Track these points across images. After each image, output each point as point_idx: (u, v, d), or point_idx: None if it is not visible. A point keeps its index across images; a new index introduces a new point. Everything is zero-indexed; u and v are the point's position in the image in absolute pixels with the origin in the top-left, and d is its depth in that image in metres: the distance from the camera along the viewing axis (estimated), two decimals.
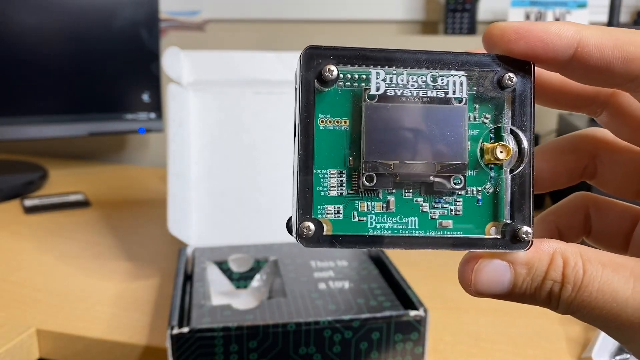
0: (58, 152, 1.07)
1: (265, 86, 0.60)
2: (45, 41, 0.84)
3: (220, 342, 0.38)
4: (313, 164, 0.19)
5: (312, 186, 0.19)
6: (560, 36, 0.19)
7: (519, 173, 0.20)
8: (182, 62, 0.59)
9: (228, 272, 0.51)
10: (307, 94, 0.19)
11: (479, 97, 0.20)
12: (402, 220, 0.20)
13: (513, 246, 0.19)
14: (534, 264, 0.19)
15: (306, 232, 0.19)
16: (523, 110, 0.20)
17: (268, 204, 0.57)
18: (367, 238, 0.19)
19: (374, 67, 0.19)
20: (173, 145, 0.55)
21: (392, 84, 0.19)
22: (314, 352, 0.40)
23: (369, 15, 0.95)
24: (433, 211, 0.20)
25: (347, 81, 0.20)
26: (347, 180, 0.20)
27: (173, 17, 1.00)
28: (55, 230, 0.69)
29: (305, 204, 0.19)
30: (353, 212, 0.20)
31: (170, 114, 0.56)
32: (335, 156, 0.19)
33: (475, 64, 0.20)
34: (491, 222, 0.20)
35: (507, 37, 0.19)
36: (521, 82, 0.20)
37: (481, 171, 0.20)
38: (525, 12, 0.86)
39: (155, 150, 1.06)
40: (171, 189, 0.54)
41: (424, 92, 0.20)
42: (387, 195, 0.20)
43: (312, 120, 0.19)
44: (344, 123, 0.20)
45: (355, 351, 0.40)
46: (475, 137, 0.20)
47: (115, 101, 0.90)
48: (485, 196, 0.20)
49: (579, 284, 0.18)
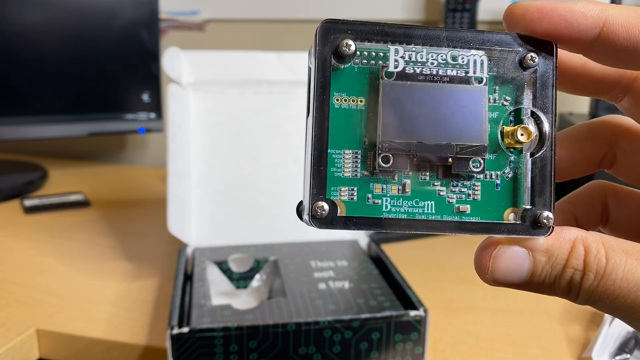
0: (58, 152, 1.07)
1: (265, 86, 0.60)
2: (46, 41, 0.84)
3: (220, 342, 0.38)
4: (328, 144, 0.19)
5: (326, 166, 0.18)
6: (586, 15, 0.18)
7: (540, 156, 0.19)
8: (182, 62, 0.59)
9: (228, 272, 0.51)
10: (323, 69, 0.18)
11: (500, 78, 0.19)
12: (418, 204, 0.19)
13: (533, 232, 0.19)
14: (555, 252, 0.18)
15: (320, 213, 0.18)
16: (545, 92, 0.19)
17: (268, 204, 0.57)
18: (383, 220, 0.19)
19: (393, 44, 0.19)
20: (173, 145, 0.55)
21: (411, 61, 0.19)
22: (314, 352, 0.40)
23: (369, 15, 0.95)
24: (450, 195, 0.19)
25: (363, 59, 0.19)
26: (362, 161, 0.19)
27: (173, 17, 1.00)
28: (55, 230, 0.69)
29: (319, 184, 0.18)
30: (368, 194, 0.19)
31: (170, 114, 0.56)
32: (350, 136, 0.19)
33: (496, 42, 0.19)
34: (510, 207, 0.19)
35: (530, 16, 0.19)
36: (543, 63, 0.19)
37: (501, 155, 0.19)
38: None
39: (155, 150, 1.06)
40: (171, 189, 0.54)
41: (443, 70, 0.19)
42: (403, 178, 0.19)
43: (328, 98, 0.18)
44: (359, 102, 0.19)
45: (355, 351, 0.40)
46: (495, 120, 0.19)
47: (115, 101, 0.90)
48: (505, 181, 0.19)
49: (602, 272, 0.18)
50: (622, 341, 0.44)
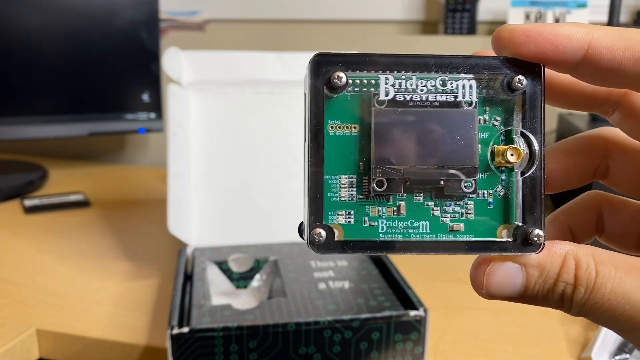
0: (58, 152, 1.07)
1: (265, 86, 0.60)
2: (46, 41, 0.84)
3: (220, 342, 0.38)
4: (323, 170, 0.19)
5: (322, 192, 0.19)
6: (570, 38, 0.19)
7: (530, 176, 0.20)
8: (182, 62, 0.59)
9: (228, 272, 0.51)
10: (316, 100, 0.19)
11: (489, 99, 0.20)
12: (413, 224, 0.20)
13: (525, 249, 0.19)
14: (546, 266, 0.19)
15: (317, 239, 0.19)
16: (534, 113, 0.20)
17: (268, 204, 0.57)
18: (379, 243, 0.20)
19: (383, 73, 0.19)
20: (173, 145, 0.55)
21: (401, 88, 0.19)
22: (314, 352, 0.40)
23: (369, 15, 0.95)
24: (444, 215, 0.20)
25: (356, 87, 0.20)
26: (358, 185, 0.20)
27: (173, 17, 1.00)
28: (55, 230, 0.69)
29: (316, 210, 0.19)
30: (364, 217, 0.20)
31: (170, 114, 0.56)
32: (345, 162, 0.20)
33: (484, 67, 0.20)
34: (503, 224, 0.20)
35: (516, 40, 0.19)
36: (531, 85, 0.20)
37: (492, 174, 0.20)
38: (525, 12, 0.86)
39: (155, 150, 1.06)
40: (171, 189, 0.54)
41: (433, 96, 0.20)
42: (398, 200, 0.20)
43: (322, 127, 0.19)
44: (353, 128, 0.20)
45: (355, 351, 0.40)
46: (486, 140, 0.20)
47: (115, 101, 0.90)
48: (497, 199, 0.20)
49: (592, 286, 0.18)
50: (621, 341, 0.44)
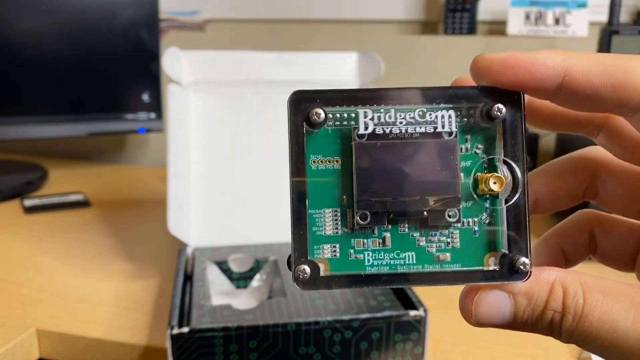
0: (58, 152, 1.07)
1: (265, 86, 0.60)
2: (46, 41, 0.84)
3: (220, 342, 0.38)
4: (307, 206, 0.19)
5: (306, 228, 0.19)
6: (547, 66, 0.19)
7: (514, 204, 0.20)
8: (182, 62, 0.59)
9: (228, 272, 0.51)
10: (296, 137, 0.19)
11: (470, 128, 0.20)
12: (399, 255, 0.20)
13: (511, 277, 0.19)
14: (534, 294, 0.19)
15: (302, 276, 0.19)
16: (515, 141, 0.20)
17: (268, 204, 0.57)
18: (364, 277, 0.19)
19: (362, 107, 0.19)
20: (173, 145, 0.55)
21: (381, 122, 0.19)
22: (314, 352, 0.40)
23: (369, 15, 0.95)
24: (430, 245, 0.20)
25: (336, 121, 0.20)
26: (342, 218, 0.20)
27: (173, 17, 1.00)
28: (55, 230, 0.69)
29: (300, 247, 0.19)
30: (349, 250, 0.20)
31: (170, 114, 0.56)
32: (328, 196, 0.20)
33: (463, 97, 0.20)
34: (489, 252, 0.20)
35: (494, 69, 0.19)
36: (511, 113, 0.19)
37: (476, 202, 0.20)
38: (525, 12, 0.86)
39: (155, 150, 1.06)
40: (171, 189, 0.54)
41: (412, 128, 0.19)
42: (383, 232, 0.20)
43: (304, 163, 0.19)
44: (335, 162, 0.20)
45: (355, 351, 0.40)
46: (469, 168, 0.20)
47: (115, 101, 0.90)
48: (482, 227, 0.20)
49: (580, 313, 0.18)
50: None
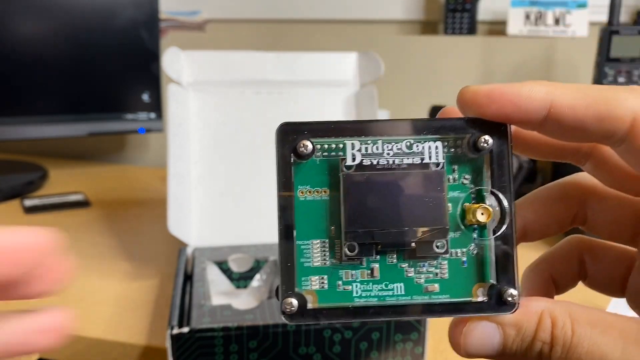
0: (58, 152, 1.07)
1: (265, 86, 0.60)
2: (46, 41, 0.84)
3: (220, 342, 0.38)
4: (294, 238, 0.19)
5: (294, 260, 0.19)
6: (532, 98, 0.19)
7: (501, 235, 0.20)
8: (182, 62, 0.59)
9: (228, 272, 0.51)
10: (284, 168, 0.19)
11: (457, 158, 0.20)
12: (387, 287, 0.20)
13: (499, 309, 0.19)
14: (523, 325, 0.19)
15: (289, 309, 0.19)
16: (501, 172, 0.20)
17: (268, 204, 0.57)
18: (352, 310, 0.19)
19: (349, 138, 0.19)
20: (173, 145, 0.55)
21: (368, 153, 0.19)
22: (314, 352, 0.40)
23: (369, 15, 0.95)
24: (418, 276, 0.20)
25: (324, 151, 0.20)
26: (330, 249, 0.19)
27: (173, 17, 1.00)
28: (55, 230, 0.69)
29: (288, 280, 0.19)
30: (338, 281, 0.19)
31: (170, 114, 0.56)
32: (317, 226, 0.19)
33: (449, 129, 0.20)
34: (478, 283, 0.20)
35: (479, 101, 0.19)
36: (497, 144, 0.20)
37: (464, 233, 0.20)
38: (525, 12, 0.86)
39: (155, 150, 1.06)
40: (171, 189, 0.54)
41: (400, 159, 0.20)
42: (371, 263, 0.19)
43: (292, 195, 0.19)
44: (324, 193, 0.20)
45: (355, 351, 0.40)
46: (456, 199, 0.20)
47: (115, 101, 0.90)
48: (470, 257, 0.20)
49: (568, 345, 0.18)
50: None
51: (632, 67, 0.73)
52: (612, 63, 0.73)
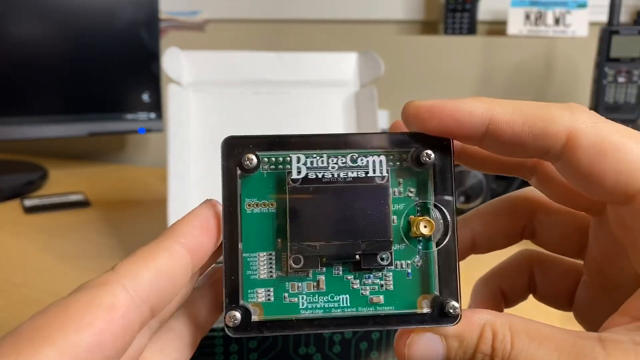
0: (58, 152, 1.07)
1: (265, 86, 0.60)
2: (46, 41, 0.84)
3: (220, 342, 0.38)
4: (239, 251, 0.19)
5: (238, 274, 0.19)
6: (472, 114, 0.19)
7: (444, 247, 0.20)
8: (182, 62, 0.59)
9: None
10: (229, 183, 0.20)
11: (402, 171, 0.20)
12: (333, 298, 0.20)
13: (442, 320, 0.19)
14: (465, 337, 0.19)
15: (232, 322, 0.19)
16: (444, 185, 0.20)
17: None
18: (296, 322, 0.19)
19: (295, 152, 0.20)
20: (173, 145, 0.55)
21: (313, 166, 0.20)
22: (314, 352, 0.40)
23: (369, 15, 0.95)
24: (364, 287, 0.20)
25: (271, 164, 0.20)
26: (277, 262, 0.20)
27: (173, 17, 1.00)
28: (55, 230, 0.69)
29: (231, 292, 0.19)
30: (284, 293, 0.20)
31: (170, 114, 0.56)
32: (263, 239, 0.20)
33: (393, 142, 0.20)
34: (422, 295, 0.20)
35: (421, 116, 0.19)
36: (440, 158, 0.20)
37: (409, 245, 0.20)
38: (525, 12, 0.86)
39: (155, 150, 1.06)
40: (171, 189, 0.54)
41: (344, 172, 0.20)
42: (318, 275, 0.20)
43: (236, 208, 0.20)
44: (270, 205, 0.20)
45: (355, 351, 0.40)
46: (401, 211, 0.20)
47: (115, 101, 0.90)
48: (415, 269, 0.20)
49: (507, 357, 0.18)
50: None
51: (632, 67, 0.73)
52: (612, 63, 0.73)
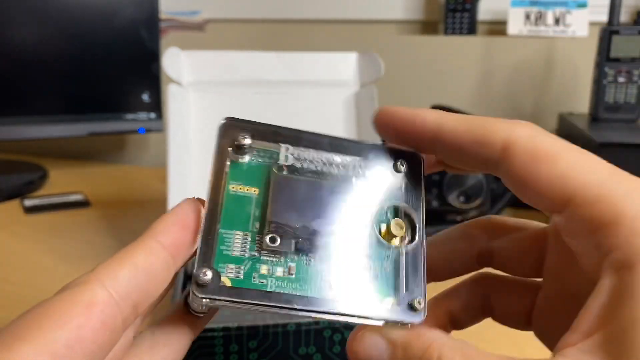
0: (58, 152, 1.07)
1: (266, 86, 0.60)
2: (46, 41, 0.84)
3: (220, 342, 0.38)
4: (218, 225, 0.20)
5: (215, 235, 0.19)
6: (425, 121, 0.21)
7: (412, 247, 0.21)
8: (182, 62, 0.59)
9: None
10: (220, 160, 0.21)
11: (376, 177, 0.22)
12: (301, 286, 0.20)
13: (407, 315, 0.20)
14: (412, 349, 0.19)
15: (202, 279, 0.19)
16: (415, 191, 0.22)
17: None
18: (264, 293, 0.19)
19: (284, 143, 0.22)
20: (173, 145, 0.55)
21: (299, 158, 0.22)
22: (314, 352, 0.40)
23: (369, 15, 0.95)
24: (334, 279, 0.20)
25: (260, 152, 0.21)
26: (251, 243, 0.20)
27: (173, 17, 1.00)
28: (55, 230, 0.69)
29: (206, 252, 0.19)
30: (254, 273, 0.20)
31: (170, 114, 0.56)
32: (241, 219, 0.20)
33: (370, 150, 0.22)
34: (388, 292, 0.21)
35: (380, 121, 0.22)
36: (412, 166, 0.22)
37: (379, 245, 0.21)
38: (525, 12, 0.86)
39: (155, 150, 1.06)
40: (171, 189, 0.54)
41: (327, 169, 0.22)
42: (289, 262, 0.20)
43: (223, 184, 0.20)
44: (254, 191, 0.21)
45: None
46: (375, 213, 0.21)
47: (115, 101, 0.90)
48: (383, 267, 0.21)
49: None
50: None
51: (632, 67, 0.73)
52: (612, 63, 0.73)
